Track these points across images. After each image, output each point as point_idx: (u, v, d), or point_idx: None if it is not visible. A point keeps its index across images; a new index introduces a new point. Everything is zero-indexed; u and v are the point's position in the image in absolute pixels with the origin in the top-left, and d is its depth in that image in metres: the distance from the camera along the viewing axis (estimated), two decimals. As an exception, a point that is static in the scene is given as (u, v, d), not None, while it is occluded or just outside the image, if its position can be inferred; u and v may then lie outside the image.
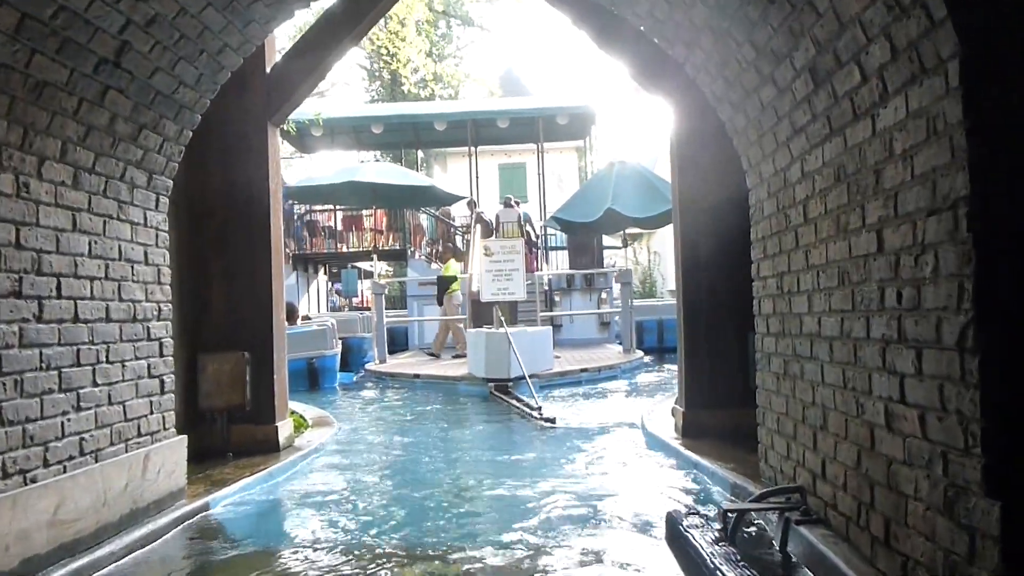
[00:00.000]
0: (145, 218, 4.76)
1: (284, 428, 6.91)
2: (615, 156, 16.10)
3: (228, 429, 6.64)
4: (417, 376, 13.02)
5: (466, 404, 10.65)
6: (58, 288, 3.91)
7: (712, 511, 4.74)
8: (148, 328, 4.75)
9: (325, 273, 25.46)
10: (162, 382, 4.91)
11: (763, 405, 4.88)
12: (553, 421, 8.49)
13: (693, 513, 4.37)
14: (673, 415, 7.52)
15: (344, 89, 42.13)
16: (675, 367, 15.47)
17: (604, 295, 20.89)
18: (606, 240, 23.42)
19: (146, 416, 4.70)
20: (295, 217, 22.19)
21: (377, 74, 38.46)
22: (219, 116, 6.65)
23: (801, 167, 4.01)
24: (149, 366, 4.75)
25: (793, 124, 3.98)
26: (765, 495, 4.25)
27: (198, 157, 6.66)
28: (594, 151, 23.84)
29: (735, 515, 4.12)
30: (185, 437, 5.17)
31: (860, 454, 3.41)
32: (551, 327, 13.43)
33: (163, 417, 4.91)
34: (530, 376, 11.81)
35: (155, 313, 4.84)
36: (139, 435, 4.62)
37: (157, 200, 4.91)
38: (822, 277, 3.80)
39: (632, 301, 16.00)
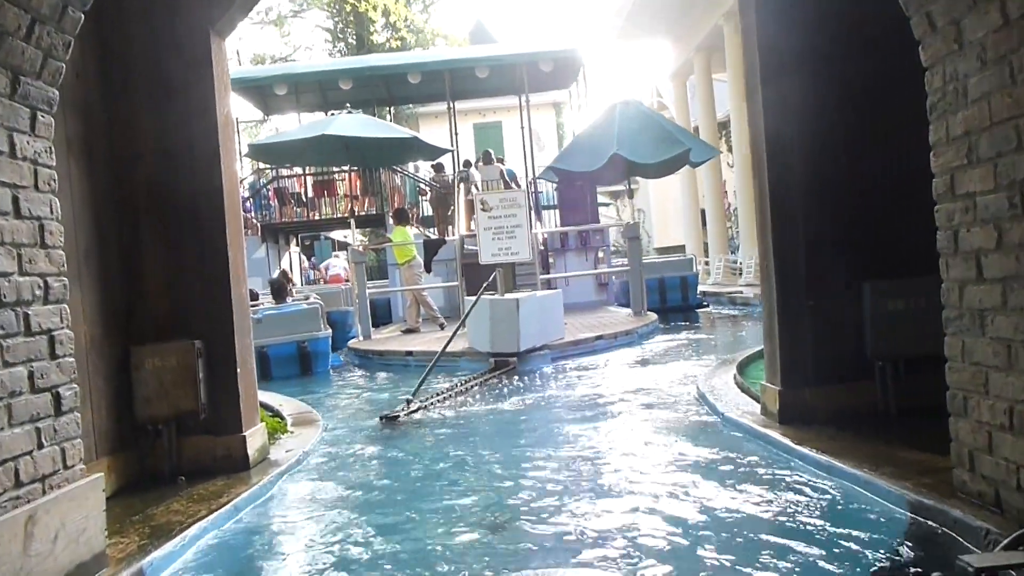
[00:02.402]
0: (11, 144, 3.04)
1: (254, 437, 5.23)
2: (617, 97, 14.41)
3: (178, 444, 4.97)
4: (410, 353, 11.36)
5: (473, 386, 8.98)
6: None
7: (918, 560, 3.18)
8: (26, 317, 3.05)
9: (297, 244, 23.64)
10: (57, 397, 3.20)
11: (964, 387, 3.27)
12: (396, 419, 6.95)
13: None
14: (755, 394, 5.94)
15: (307, 55, 40.31)
16: (695, 331, 14.15)
17: (601, 254, 19.36)
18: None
19: (29, 455, 3.01)
20: (261, 184, 20.44)
21: (341, 35, 36.48)
22: (143, 24, 4.95)
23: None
24: (31, 375, 3.05)
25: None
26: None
27: (117, 79, 4.95)
28: (580, 100, 21.98)
29: (989, 574, 2.54)
30: (101, 476, 3.46)
31: None
32: (559, 291, 11.81)
33: (61, 451, 3.21)
34: (541, 347, 10.24)
35: (38, 292, 3.14)
36: (16, 485, 2.93)
37: (33, 119, 3.18)
38: None
39: (641, 259, 14.42)
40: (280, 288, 12.05)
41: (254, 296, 12.86)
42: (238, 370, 5.05)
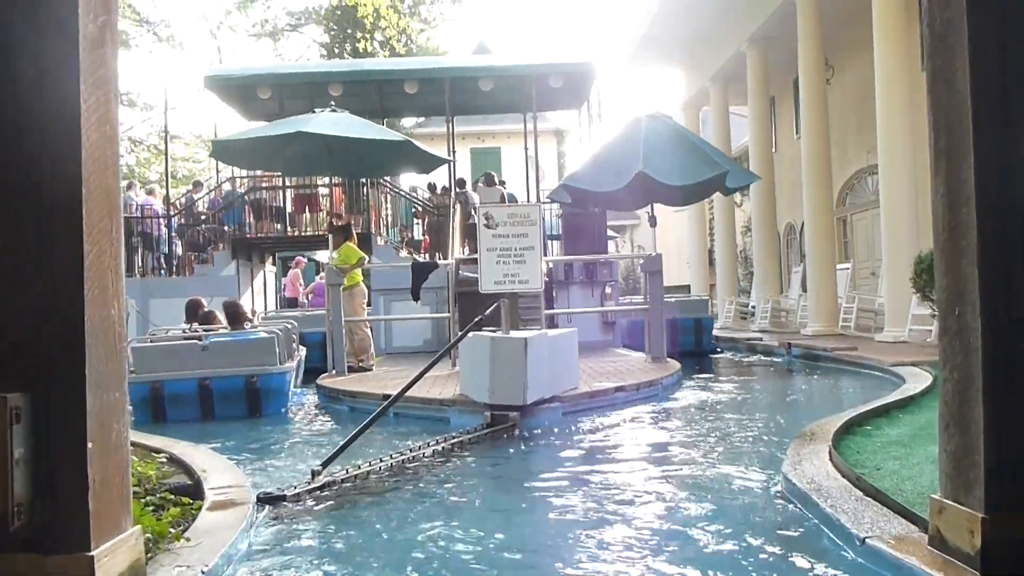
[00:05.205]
0: None
1: (116, 555, 3.14)
2: (644, 111, 12.51)
3: (-26, 570, 2.96)
4: (386, 397, 9.34)
5: (477, 450, 6.95)
6: None
7: None
8: None
9: (274, 263, 21.62)
10: None
11: None
12: (281, 500, 5.11)
13: None
14: (893, 503, 3.96)
15: (301, 70, 38.79)
16: (725, 383, 11.98)
17: (609, 290, 17.51)
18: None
19: None
20: (236, 195, 18.49)
21: (337, 49, 35.05)
22: None
23: None
24: None
25: None
26: None
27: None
28: (589, 124, 20.12)
29: None
30: None
31: None
32: (575, 329, 9.82)
33: None
34: (550, 399, 8.24)
35: None
36: None
37: None
38: None
39: (663, 297, 12.46)
40: (235, 312, 10.07)
41: (209, 319, 10.86)
42: (89, 444, 3.02)
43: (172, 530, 3.90)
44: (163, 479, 5.33)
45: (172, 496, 4.74)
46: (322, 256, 25.37)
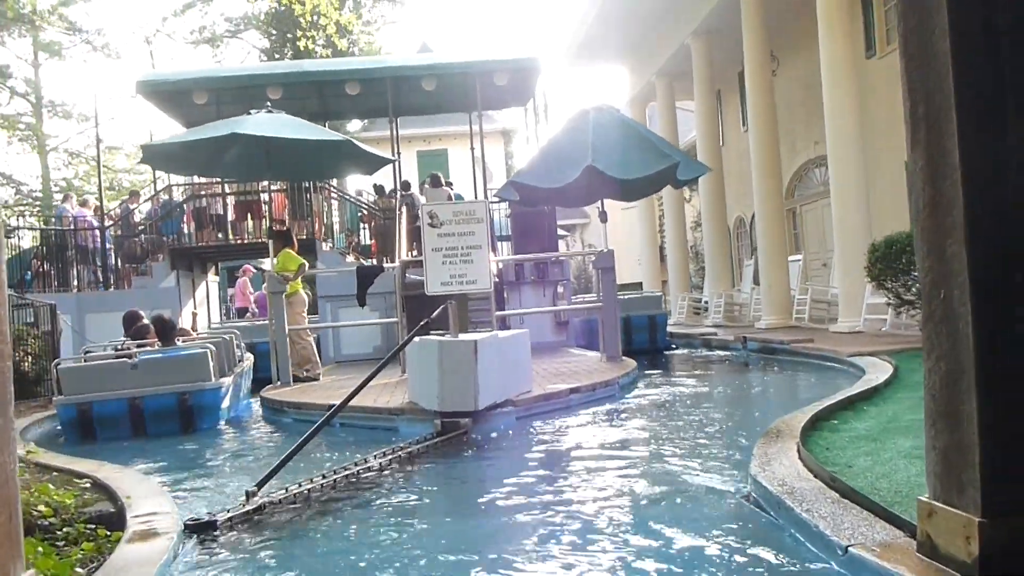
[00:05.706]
0: None
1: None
2: (590, 103, 12.22)
3: None
4: (332, 407, 8.91)
5: (427, 460, 6.57)
6: None
7: None
8: None
9: (216, 273, 20.95)
10: None
11: None
12: (212, 527, 4.61)
13: None
14: (870, 502, 3.68)
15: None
16: (682, 379, 11.72)
17: (561, 289, 17.22)
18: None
19: None
20: (174, 204, 17.83)
21: (278, 53, 34.34)
22: None
23: None
24: None
25: None
26: None
27: None
28: (535, 123, 19.77)
29: None
30: None
31: None
32: (526, 331, 9.46)
33: None
34: (503, 403, 7.90)
35: None
36: None
37: None
38: None
39: (616, 294, 12.18)
40: (163, 327, 9.55)
41: (141, 333, 10.31)
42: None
43: (80, 570, 3.47)
44: (83, 507, 4.88)
45: (89, 528, 4.30)
46: (267, 264, 24.74)
